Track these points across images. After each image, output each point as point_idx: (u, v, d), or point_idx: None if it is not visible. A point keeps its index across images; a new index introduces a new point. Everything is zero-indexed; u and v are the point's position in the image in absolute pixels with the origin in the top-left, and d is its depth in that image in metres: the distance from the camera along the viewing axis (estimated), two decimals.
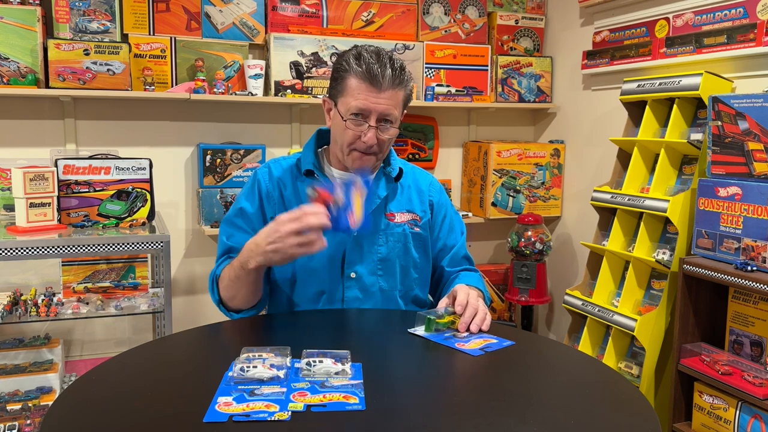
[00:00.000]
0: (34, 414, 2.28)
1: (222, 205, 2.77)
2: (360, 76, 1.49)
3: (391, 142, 1.59)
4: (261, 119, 2.97)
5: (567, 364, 1.32)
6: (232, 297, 1.54)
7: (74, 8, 2.55)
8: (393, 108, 1.52)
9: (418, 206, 1.69)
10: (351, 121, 1.51)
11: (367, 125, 1.51)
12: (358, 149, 1.54)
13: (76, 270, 2.44)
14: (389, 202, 1.66)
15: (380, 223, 1.63)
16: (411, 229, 1.66)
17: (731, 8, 2.35)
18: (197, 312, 2.92)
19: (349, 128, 1.52)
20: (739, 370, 2.03)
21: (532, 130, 3.51)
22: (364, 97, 1.49)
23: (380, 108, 1.50)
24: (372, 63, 1.49)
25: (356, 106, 1.50)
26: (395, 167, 1.66)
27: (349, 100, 1.51)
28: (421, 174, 1.77)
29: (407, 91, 1.56)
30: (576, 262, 3.19)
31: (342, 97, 1.53)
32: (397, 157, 1.71)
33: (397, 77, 1.50)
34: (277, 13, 2.86)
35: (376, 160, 1.60)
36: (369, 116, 1.51)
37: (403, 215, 1.66)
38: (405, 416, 1.01)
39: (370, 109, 1.50)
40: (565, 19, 3.24)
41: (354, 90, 1.50)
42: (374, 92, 1.49)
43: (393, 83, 1.50)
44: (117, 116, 2.74)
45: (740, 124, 2.06)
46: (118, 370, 1.20)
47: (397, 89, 1.52)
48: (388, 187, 1.66)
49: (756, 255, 1.99)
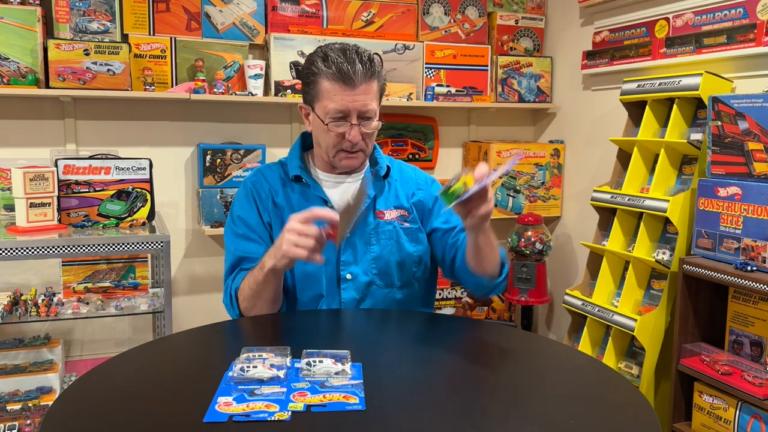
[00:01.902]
0: (34, 414, 2.28)
1: (222, 205, 2.77)
2: (331, 78, 1.49)
3: (375, 135, 1.59)
4: (261, 119, 2.97)
5: (567, 364, 1.32)
6: (251, 307, 1.53)
7: (74, 8, 2.55)
8: (370, 101, 1.52)
9: (405, 200, 1.68)
10: (332, 124, 1.52)
11: (349, 125, 1.52)
12: (344, 149, 1.55)
13: (76, 270, 2.44)
14: (377, 199, 1.66)
15: (370, 223, 1.63)
16: (401, 225, 1.65)
17: (731, 8, 2.35)
18: (197, 312, 2.92)
19: (332, 131, 1.53)
20: (739, 370, 2.03)
21: (532, 130, 3.51)
22: (340, 97, 1.49)
23: (358, 105, 1.50)
24: (340, 62, 1.48)
25: (334, 108, 1.50)
26: (383, 165, 1.67)
27: (326, 104, 1.51)
28: (406, 170, 1.76)
29: (381, 81, 1.56)
30: (576, 262, 3.19)
31: (318, 102, 1.53)
32: (382, 154, 1.70)
33: (368, 70, 1.50)
34: (277, 13, 2.87)
35: (365, 157, 1.61)
36: (349, 116, 1.51)
37: (392, 212, 1.65)
38: (405, 416, 1.01)
39: (349, 108, 1.50)
40: (565, 19, 3.24)
41: (328, 92, 1.50)
42: (349, 91, 1.49)
43: (365, 77, 1.50)
44: (117, 116, 2.74)
45: (740, 124, 2.06)
46: (118, 370, 1.20)
47: (370, 82, 1.51)
48: (377, 185, 1.66)
49: (756, 255, 1.99)
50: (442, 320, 1.55)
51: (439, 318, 1.56)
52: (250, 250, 1.58)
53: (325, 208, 1.37)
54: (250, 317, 1.55)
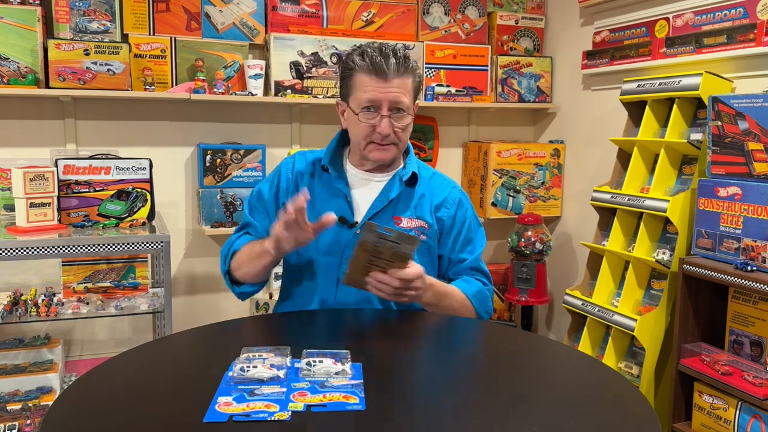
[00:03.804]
0: (34, 414, 2.28)
1: (222, 205, 2.77)
2: (366, 71, 1.54)
3: (408, 131, 1.61)
4: (261, 119, 2.97)
5: (567, 364, 1.32)
6: (238, 268, 1.63)
7: (74, 8, 2.55)
8: (402, 95, 1.55)
9: (429, 214, 1.67)
10: (363, 114, 1.55)
11: (379, 116, 1.55)
12: (374, 141, 1.58)
13: (76, 270, 2.44)
14: (398, 205, 1.65)
15: (385, 225, 1.61)
16: (417, 236, 1.63)
17: (731, 8, 2.35)
18: (197, 312, 2.92)
19: (363, 121, 1.56)
20: (739, 370, 2.03)
21: (532, 130, 3.51)
22: (373, 88, 1.53)
23: (390, 96, 1.54)
24: (375, 56, 1.54)
25: (366, 98, 1.54)
26: (409, 171, 1.65)
27: (359, 95, 1.55)
28: (441, 184, 1.72)
29: (416, 78, 1.60)
30: (576, 262, 3.19)
31: (353, 95, 1.58)
32: (416, 160, 1.71)
33: (402, 65, 1.54)
34: (277, 13, 2.87)
35: (397, 150, 1.62)
36: (380, 106, 1.54)
37: (412, 221, 1.64)
38: (405, 416, 1.01)
39: (380, 98, 1.53)
40: (565, 19, 3.24)
41: (363, 84, 1.55)
42: (382, 83, 1.53)
43: (399, 71, 1.54)
44: (117, 116, 2.74)
45: (740, 124, 2.06)
46: (118, 370, 1.20)
47: (404, 76, 1.55)
48: (401, 190, 1.64)
49: (756, 255, 1.99)
50: (442, 320, 1.55)
51: (439, 318, 1.56)
52: (258, 219, 1.71)
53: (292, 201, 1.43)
54: (250, 317, 1.57)
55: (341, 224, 1.59)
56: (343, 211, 1.61)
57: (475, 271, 1.72)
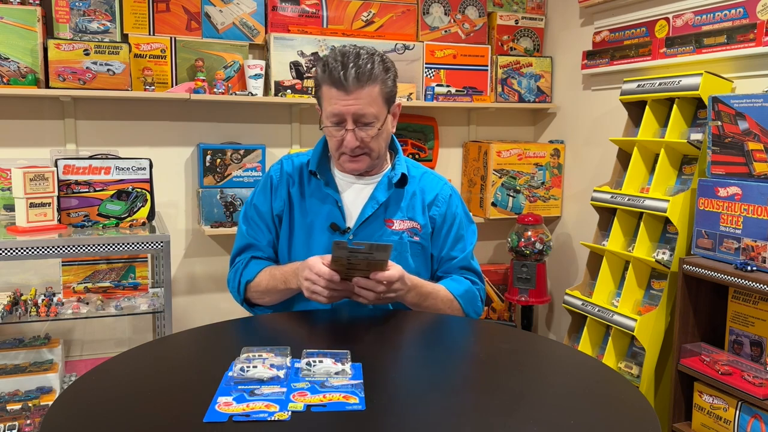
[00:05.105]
0: (34, 414, 2.28)
1: (222, 205, 2.77)
2: (328, 83, 1.50)
3: (382, 137, 1.57)
4: (261, 119, 2.97)
5: (567, 364, 1.32)
6: (260, 299, 1.63)
7: (74, 8, 2.55)
8: (366, 107, 1.50)
9: (420, 215, 1.65)
10: (331, 128, 1.54)
11: (344, 129, 1.52)
12: (345, 152, 1.56)
13: (76, 270, 2.44)
14: (389, 207, 1.63)
15: (377, 230, 1.60)
16: (410, 238, 1.62)
17: (731, 8, 2.35)
18: (197, 312, 2.92)
19: (331, 135, 1.55)
20: (739, 370, 2.03)
21: (532, 130, 3.51)
22: (335, 101, 1.50)
23: (353, 109, 1.50)
24: (336, 67, 1.48)
25: (330, 112, 1.52)
26: (398, 173, 1.63)
27: (326, 107, 1.53)
28: (432, 181, 1.71)
29: (384, 85, 1.53)
30: (576, 262, 3.19)
31: (322, 107, 1.56)
32: (404, 161, 1.68)
33: (363, 74, 1.48)
34: (277, 13, 2.87)
35: (370, 160, 1.59)
36: (344, 120, 1.52)
37: (404, 222, 1.63)
38: (405, 416, 1.01)
39: (342, 112, 1.50)
40: (565, 19, 3.24)
41: (328, 97, 1.52)
42: (343, 95, 1.49)
43: (359, 82, 1.48)
44: (117, 116, 2.74)
45: (740, 124, 2.06)
46: (118, 370, 1.20)
47: (367, 86, 1.49)
48: (391, 192, 1.63)
49: (756, 255, 1.99)
50: (442, 320, 1.55)
51: (438, 318, 1.56)
52: (258, 238, 1.67)
53: (320, 265, 1.43)
54: (250, 317, 1.56)
55: (333, 231, 1.59)
56: (334, 217, 1.60)
57: (465, 269, 1.70)
